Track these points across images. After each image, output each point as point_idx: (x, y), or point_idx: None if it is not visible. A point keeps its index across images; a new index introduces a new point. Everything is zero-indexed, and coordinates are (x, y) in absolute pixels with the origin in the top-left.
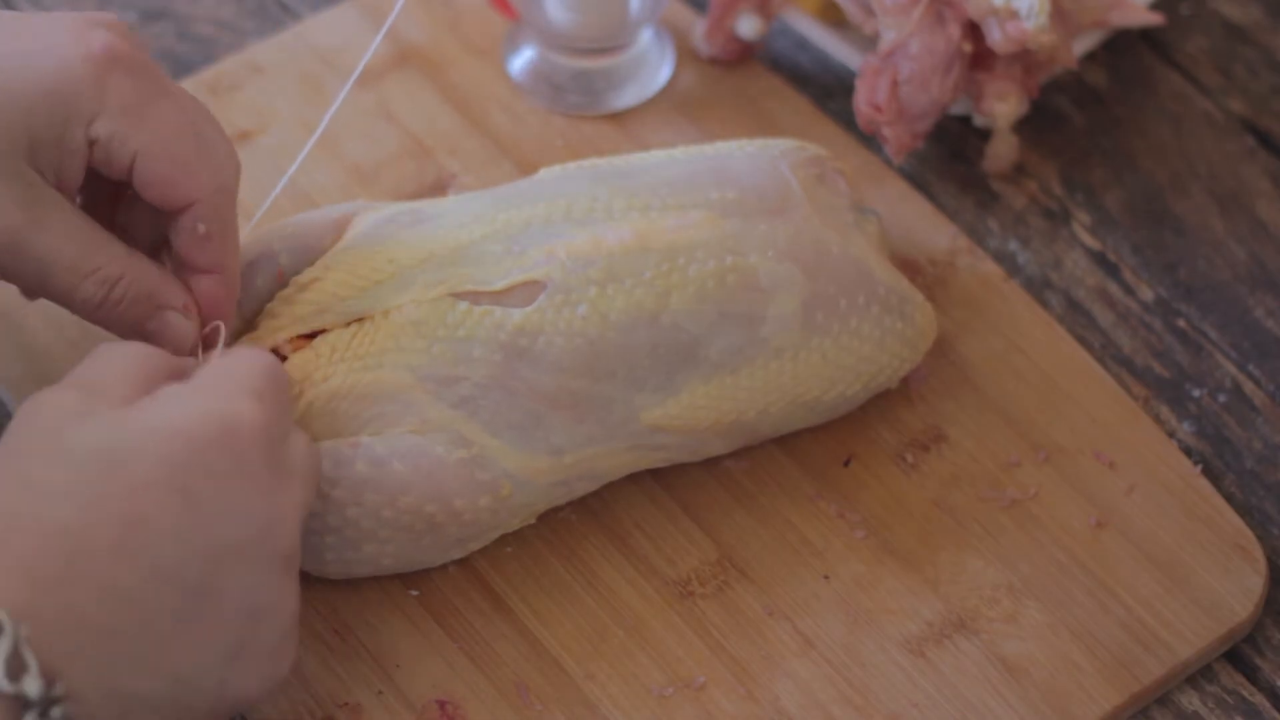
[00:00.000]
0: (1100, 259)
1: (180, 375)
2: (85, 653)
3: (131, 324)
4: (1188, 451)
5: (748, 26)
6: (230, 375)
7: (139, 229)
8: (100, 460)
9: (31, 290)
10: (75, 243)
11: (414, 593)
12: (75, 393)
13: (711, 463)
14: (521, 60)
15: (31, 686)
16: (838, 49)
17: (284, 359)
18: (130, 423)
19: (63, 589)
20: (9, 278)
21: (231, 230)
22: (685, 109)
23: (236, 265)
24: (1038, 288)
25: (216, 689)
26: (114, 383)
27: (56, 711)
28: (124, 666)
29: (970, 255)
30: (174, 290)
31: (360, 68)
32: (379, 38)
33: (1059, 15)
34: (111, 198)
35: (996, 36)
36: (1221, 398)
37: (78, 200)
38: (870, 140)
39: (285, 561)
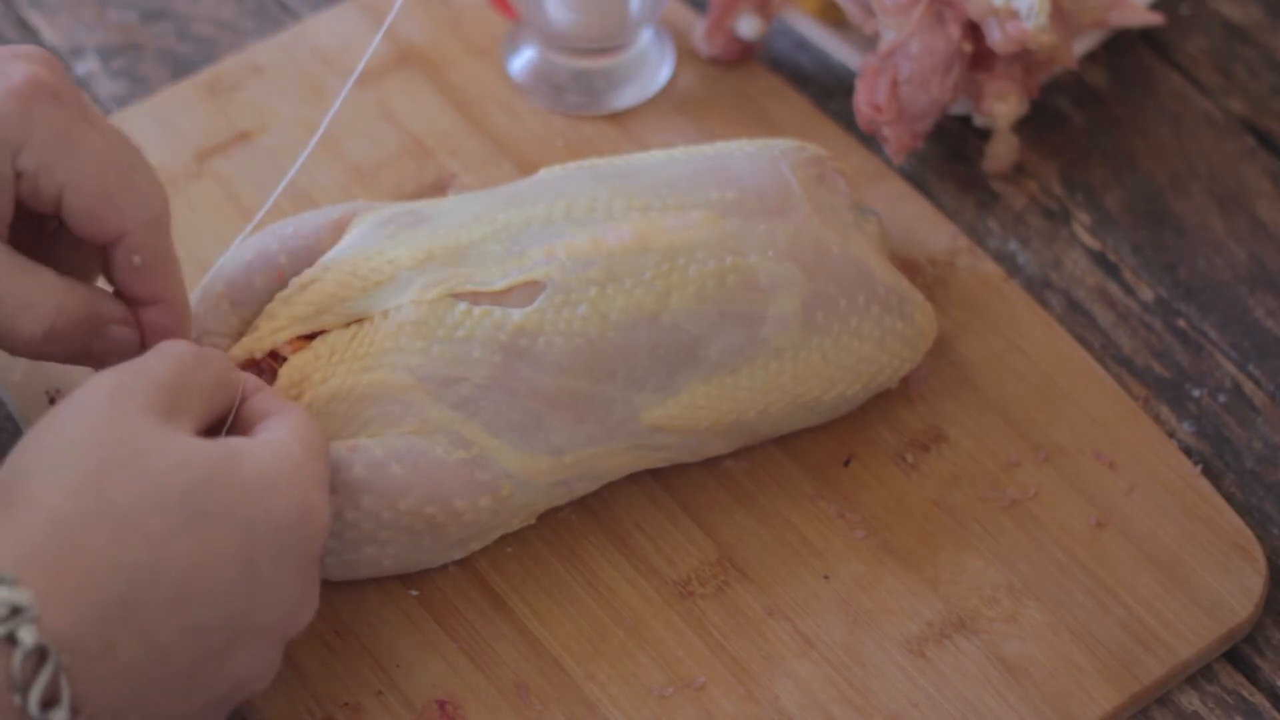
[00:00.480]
0: (1100, 259)
1: (232, 394)
2: (107, 689)
3: (77, 350)
4: (1188, 451)
5: (748, 26)
6: (308, 450)
7: (67, 266)
8: (183, 505)
9: None
10: (16, 285)
11: (414, 593)
12: (163, 400)
13: (711, 463)
14: (521, 60)
15: (58, 718)
16: (838, 49)
17: (283, 360)
18: (219, 474)
19: (110, 627)
20: None
21: (169, 261)
22: (685, 109)
23: (182, 294)
24: (1038, 288)
25: None
26: (193, 400)
27: None
28: (132, 705)
29: (970, 255)
30: (109, 305)
31: (360, 67)
32: (378, 37)
33: (1059, 15)
34: (35, 236)
35: (996, 36)
36: (1221, 398)
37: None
38: (870, 140)
39: (287, 641)
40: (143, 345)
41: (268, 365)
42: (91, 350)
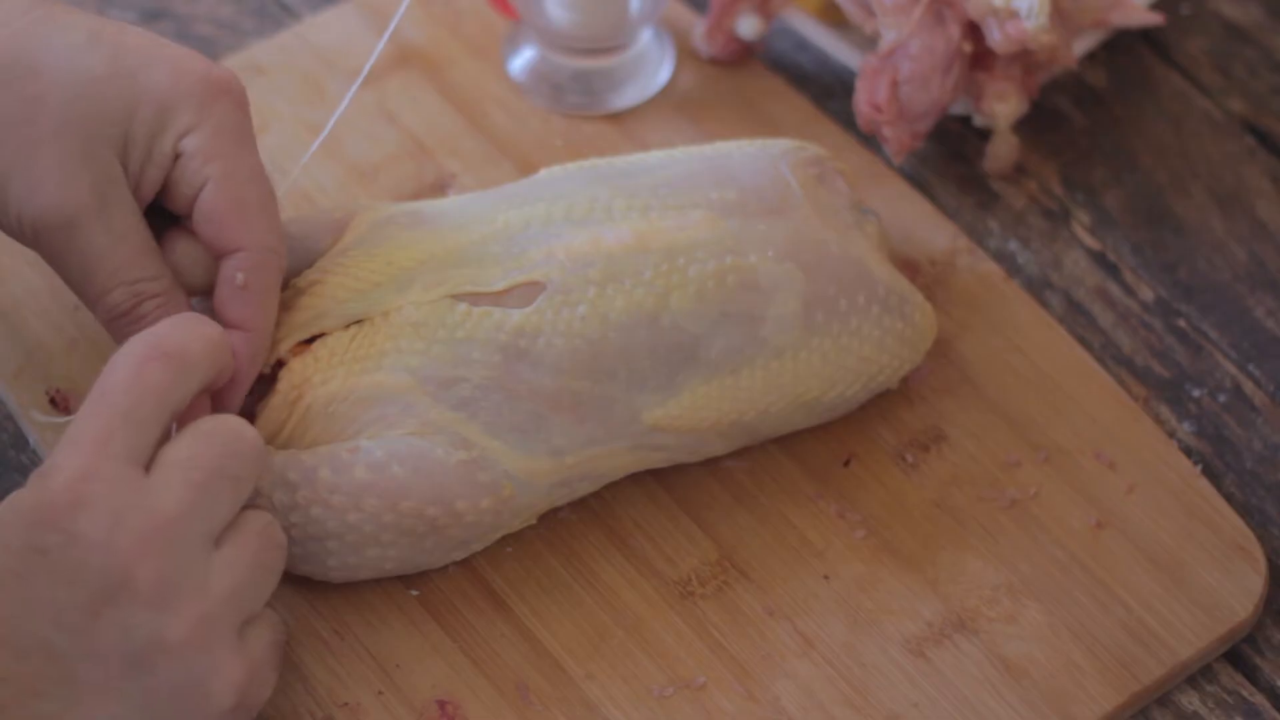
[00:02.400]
0: (1100, 259)
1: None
2: None
3: None
4: (1188, 451)
5: (748, 26)
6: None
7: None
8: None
9: (67, 280)
10: (130, 247)
11: (414, 593)
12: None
13: (711, 463)
14: (521, 60)
15: None
16: (838, 49)
17: (283, 364)
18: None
19: None
20: (53, 260)
21: (271, 295)
22: (685, 109)
23: (267, 332)
24: (1038, 288)
25: None
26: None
27: None
28: None
29: (970, 255)
30: None
31: (366, 71)
32: (383, 41)
33: (1059, 15)
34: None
35: (996, 36)
36: (1221, 398)
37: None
38: (870, 140)
39: (153, 603)
40: None
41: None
42: None
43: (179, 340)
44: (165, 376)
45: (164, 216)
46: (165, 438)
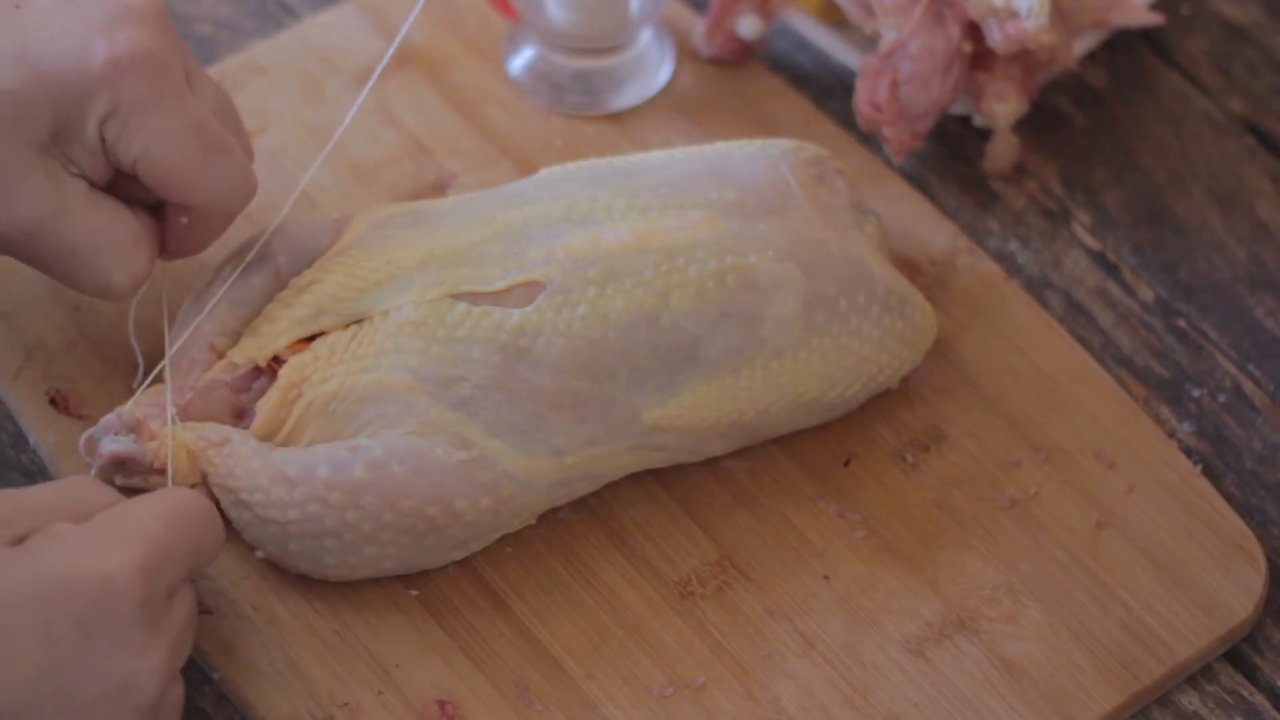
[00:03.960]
0: (1100, 259)
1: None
2: None
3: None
4: (1188, 451)
5: (748, 26)
6: (127, 523)
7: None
8: None
9: (58, 279)
10: (99, 231)
11: (414, 592)
12: None
13: (711, 462)
14: (521, 60)
15: None
16: (838, 49)
17: (283, 362)
18: (11, 561)
19: None
20: (40, 267)
21: (216, 232)
22: (685, 109)
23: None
24: (1038, 288)
25: None
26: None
27: None
28: None
29: (970, 255)
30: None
31: (374, 79)
32: (392, 48)
33: (1059, 15)
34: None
35: (996, 36)
36: (1221, 398)
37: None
38: (870, 140)
39: (143, 716)
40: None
41: (268, 367)
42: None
43: (216, 542)
44: (201, 561)
45: None
46: None
